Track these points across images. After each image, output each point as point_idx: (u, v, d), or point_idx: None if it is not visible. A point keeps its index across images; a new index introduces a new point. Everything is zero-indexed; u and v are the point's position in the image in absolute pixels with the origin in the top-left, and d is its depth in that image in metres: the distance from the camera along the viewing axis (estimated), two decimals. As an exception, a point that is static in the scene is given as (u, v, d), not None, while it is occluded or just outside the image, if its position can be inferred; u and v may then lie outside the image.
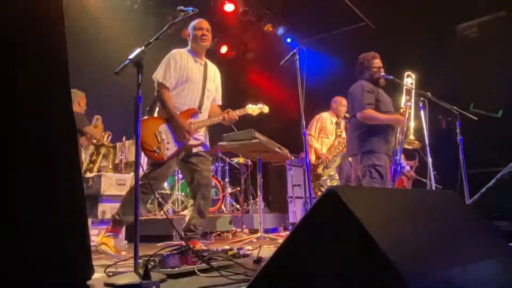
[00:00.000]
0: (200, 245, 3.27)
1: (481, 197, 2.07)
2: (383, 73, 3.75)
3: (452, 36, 6.71)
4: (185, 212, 3.61)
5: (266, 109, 3.59)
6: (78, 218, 1.48)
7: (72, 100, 1.53)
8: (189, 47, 3.34)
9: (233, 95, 3.60)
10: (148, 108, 3.22)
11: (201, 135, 3.25)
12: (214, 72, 3.43)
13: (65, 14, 1.46)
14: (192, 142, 3.15)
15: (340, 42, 7.55)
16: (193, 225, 3.15)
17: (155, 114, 3.20)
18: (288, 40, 7.99)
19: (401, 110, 3.72)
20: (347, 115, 4.13)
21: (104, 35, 5.89)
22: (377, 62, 3.79)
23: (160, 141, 3.00)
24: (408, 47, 6.59)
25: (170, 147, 3.04)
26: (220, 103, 3.48)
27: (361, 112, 3.57)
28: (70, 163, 1.47)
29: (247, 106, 3.49)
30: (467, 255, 1.29)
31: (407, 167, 6.09)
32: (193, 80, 3.20)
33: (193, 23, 3.34)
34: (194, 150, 3.19)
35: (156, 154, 2.96)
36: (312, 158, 5.74)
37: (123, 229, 4.12)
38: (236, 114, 3.31)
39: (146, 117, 3.13)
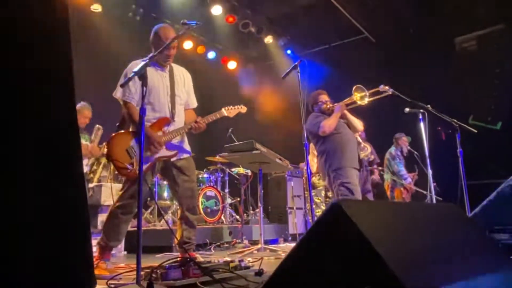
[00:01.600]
0: (198, 256, 3.23)
1: (482, 210, 2.08)
2: (329, 105, 4.09)
3: (451, 49, 6.78)
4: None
5: (244, 109, 3.40)
6: (80, 228, 1.47)
7: (75, 103, 1.53)
8: (151, 55, 3.03)
9: (233, 105, 3.56)
10: (117, 124, 3.03)
11: (177, 142, 3.06)
12: (183, 76, 3.21)
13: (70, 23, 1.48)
14: (165, 153, 2.96)
15: (340, 54, 7.63)
16: (186, 238, 3.05)
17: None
18: (288, 51, 8.07)
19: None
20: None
21: (106, 46, 5.95)
22: (322, 97, 4.19)
23: (132, 157, 2.81)
24: (407, 59, 6.66)
25: None
26: (194, 106, 3.28)
27: (318, 129, 3.91)
28: (73, 171, 1.47)
29: (223, 109, 3.29)
30: (469, 267, 1.29)
31: (409, 179, 6.10)
32: (156, 87, 2.99)
33: (160, 32, 3.02)
34: (173, 159, 3.01)
35: (128, 171, 2.79)
36: (314, 167, 5.74)
37: (123, 240, 4.11)
38: (205, 121, 3.09)
39: (115, 133, 2.93)
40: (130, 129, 2.97)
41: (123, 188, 2.93)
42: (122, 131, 2.96)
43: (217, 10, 6.73)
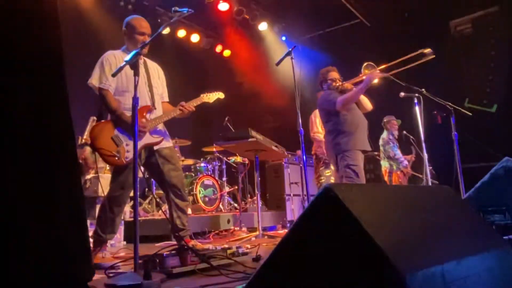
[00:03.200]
0: (195, 242, 3.26)
1: (476, 191, 2.10)
2: (339, 83, 3.96)
3: (446, 32, 6.74)
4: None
5: (221, 95, 3.46)
6: (77, 219, 1.48)
7: (68, 99, 1.52)
8: (125, 47, 3.10)
9: (228, 94, 3.57)
10: (97, 115, 3.00)
11: (160, 130, 3.07)
12: (156, 69, 3.24)
13: (59, 15, 1.46)
14: (151, 140, 2.96)
15: (335, 39, 7.58)
16: (180, 224, 3.07)
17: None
18: (283, 38, 8.01)
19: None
20: None
21: (97, 36, 5.87)
22: (332, 74, 4.06)
23: (118, 144, 2.79)
24: (402, 43, 6.62)
25: (130, 149, 2.81)
26: (167, 99, 3.30)
27: (336, 105, 3.76)
28: (69, 162, 1.47)
29: (202, 95, 3.32)
30: (462, 249, 1.31)
31: (405, 162, 6.11)
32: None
33: (133, 22, 3.03)
34: (156, 147, 3.01)
35: (116, 159, 2.75)
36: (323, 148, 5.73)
37: (122, 229, 4.14)
38: (191, 104, 3.12)
39: (97, 122, 2.87)
40: (109, 119, 2.93)
41: (112, 179, 2.94)
42: (103, 121, 2.93)
43: (210, -3, 6.64)
